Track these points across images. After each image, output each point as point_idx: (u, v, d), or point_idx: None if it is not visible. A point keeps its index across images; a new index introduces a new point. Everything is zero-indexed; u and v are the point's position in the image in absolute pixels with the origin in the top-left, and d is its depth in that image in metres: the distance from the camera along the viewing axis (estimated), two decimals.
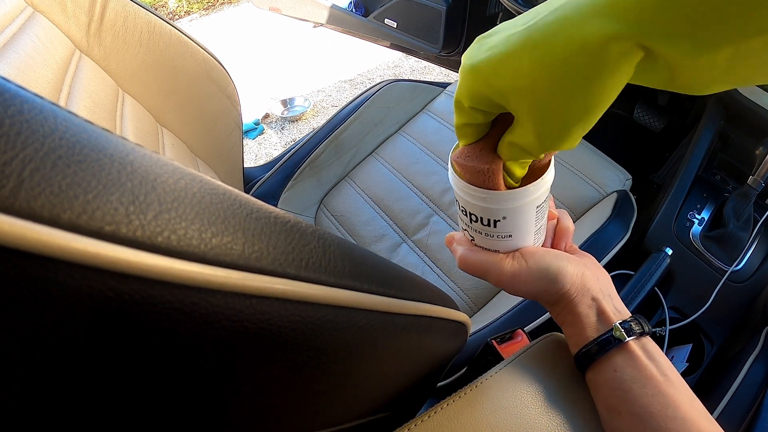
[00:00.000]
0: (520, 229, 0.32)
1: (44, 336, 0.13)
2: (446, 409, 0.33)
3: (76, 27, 0.58)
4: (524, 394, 0.33)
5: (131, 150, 0.15)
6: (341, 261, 0.21)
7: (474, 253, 0.34)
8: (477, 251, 0.34)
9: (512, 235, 0.32)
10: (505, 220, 0.31)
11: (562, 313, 0.34)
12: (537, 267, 0.33)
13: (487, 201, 0.30)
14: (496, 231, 0.32)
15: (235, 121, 0.83)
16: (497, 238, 0.33)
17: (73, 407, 0.15)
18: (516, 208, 0.30)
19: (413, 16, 1.14)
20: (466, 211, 0.32)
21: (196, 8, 3.07)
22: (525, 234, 0.33)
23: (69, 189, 0.12)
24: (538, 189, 0.30)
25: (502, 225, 0.31)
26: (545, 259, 0.33)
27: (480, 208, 0.31)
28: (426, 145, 0.87)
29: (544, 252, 0.34)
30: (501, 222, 0.31)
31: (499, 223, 0.31)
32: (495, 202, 0.30)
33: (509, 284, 0.33)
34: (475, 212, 0.31)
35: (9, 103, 0.12)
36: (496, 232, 0.32)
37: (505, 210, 0.30)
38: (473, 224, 0.32)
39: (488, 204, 0.30)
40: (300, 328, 0.18)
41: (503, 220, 0.31)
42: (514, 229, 0.32)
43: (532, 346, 0.38)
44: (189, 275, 0.14)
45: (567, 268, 0.33)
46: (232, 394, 0.19)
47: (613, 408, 0.31)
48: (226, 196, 0.17)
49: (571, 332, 0.34)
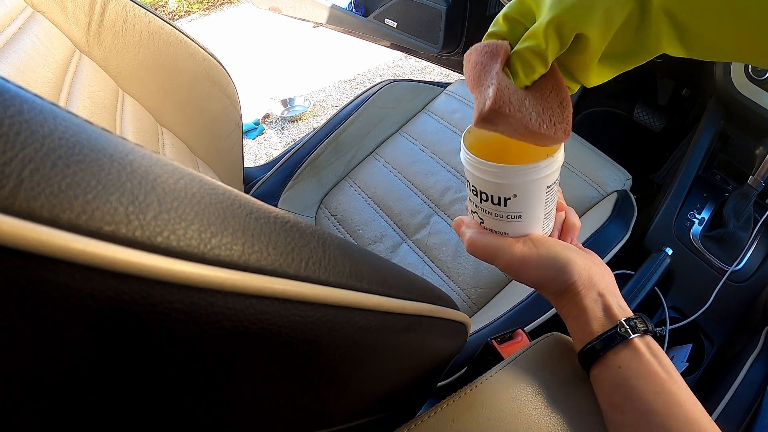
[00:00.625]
0: (530, 209, 0.32)
1: (44, 336, 0.13)
2: (446, 409, 0.33)
3: (76, 27, 0.58)
4: (524, 394, 0.33)
5: (131, 150, 0.15)
6: (341, 261, 0.21)
7: (483, 235, 0.34)
8: (486, 234, 0.34)
9: (522, 215, 0.32)
10: (515, 198, 0.31)
11: (568, 306, 0.34)
12: (547, 254, 0.33)
13: (499, 176, 0.30)
14: (506, 210, 0.32)
15: (235, 121, 0.83)
16: (507, 219, 0.33)
17: (74, 407, 0.15)
18: (527, 184, 0.30)
19: (413, 16, 1.14)
20: (476, 190, 0.32)
21: (196, 8, 3.07)
22: (534, 216, 0.33)
23: (68, 189, 0.12)
24: (550, 167, 0.30)
25: (513, 203, 0.31)
26: (555, 248, 0.33)
27: (491, 185, 0.31)
28: (426, 145, 0.87)
29: (554, 241, 0.34)
30: (511, 200, 0.31)
31: (509, 201, 0.31)
32: (507, 176, 0.30)
33: (517, 269, 0.33)
34: (486, 190, 0.31)
35: (9, 103, 0.12)
36: (506, 212, 0.32)
37: (516, 186, 0.30)
38: (483, 204, 0.32)
39: (500, 179, 0.30)
40: (300, 328, 0.18)
41: (513, 198, 0.31)
42: (524, 209, 0.32)
43: (532, 346, 0.38)
44: (188, 275, 0.14)
45: (576, 260, 0.33)
46: (231, 393, 0.19)
47: (616, 405, 0.31)
48: (226, 196, 0.17)
49: (575, 326, 0.34)
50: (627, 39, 0.26)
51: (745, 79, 0.67)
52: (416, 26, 1.15)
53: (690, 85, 1.03)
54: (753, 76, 0.69)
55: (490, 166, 0.30)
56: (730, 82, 0.69)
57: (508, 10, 0.28)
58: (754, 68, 0.65)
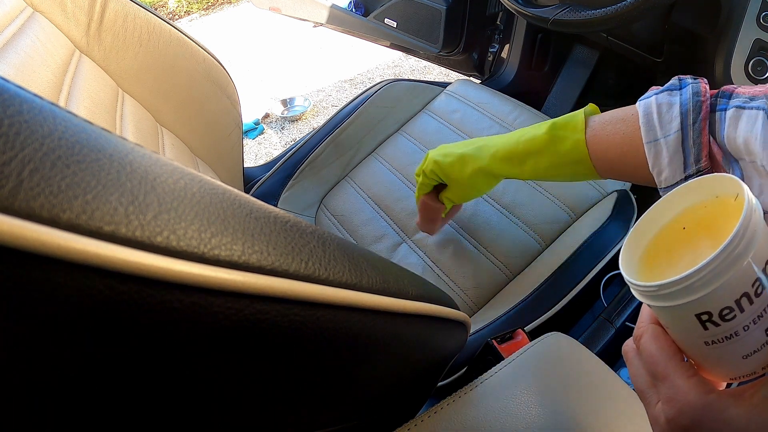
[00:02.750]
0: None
1: (44, 336, 0.13)
2: (446, 409, 0.33)
3: (75, 27, 0.58)
4: (524, 394, 0.33)
5: (131, 150, 0.15)
6: (341, 260, 0.21)
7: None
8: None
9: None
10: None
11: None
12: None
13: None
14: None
15: (235, 121, 0.83)
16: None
17: (74, 407, 0.15)
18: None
19: (413, 16, 1.14)
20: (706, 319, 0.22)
21: (196, 8, 3.07)
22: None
23: (68, 189, 0.12)
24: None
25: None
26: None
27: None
28: (426, 144, 0.87)
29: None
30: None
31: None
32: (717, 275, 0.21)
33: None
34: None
35: (8, 103, 0.12)
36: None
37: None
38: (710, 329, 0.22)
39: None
40: (300, 327, 0.18)
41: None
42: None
43: (532, 346, 0.38)
44: (188, 275, 0.14)
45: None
46: (231, 392, 0.19)
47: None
48: (226, 196, 0.17)
49: None
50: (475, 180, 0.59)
51: (746, 79, 0.67)
52: (416, 26, 1.15)
53: None
54: (753, 76, 0.69)
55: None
56: (731, 81, 0.69)
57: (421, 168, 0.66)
58: (754, 68, 0.65)
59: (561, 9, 0.71)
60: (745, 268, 0.21)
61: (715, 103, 0.40)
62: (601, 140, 0.48)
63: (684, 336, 0.24)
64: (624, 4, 0.61)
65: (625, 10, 0.61)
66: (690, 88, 0.42)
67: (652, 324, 0.26)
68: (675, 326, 0.25)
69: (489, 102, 0.89)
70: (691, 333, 0.23)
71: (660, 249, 0.26)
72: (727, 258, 0.21)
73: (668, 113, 0.41)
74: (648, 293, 0.23)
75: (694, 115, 0.39)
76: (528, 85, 1.16)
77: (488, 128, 0.84)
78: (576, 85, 1.16)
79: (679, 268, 0.23)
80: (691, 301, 0.22)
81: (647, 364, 0.25)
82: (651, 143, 0.42)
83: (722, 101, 0.39)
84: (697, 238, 0.24)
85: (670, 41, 0.81)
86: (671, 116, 0.41)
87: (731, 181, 0.23)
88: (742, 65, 0.66)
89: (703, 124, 0.39)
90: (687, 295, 0.22)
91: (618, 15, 0.62)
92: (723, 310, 0.22)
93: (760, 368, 0.23)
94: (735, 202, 0.23)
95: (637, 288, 0.24)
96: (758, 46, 0.64)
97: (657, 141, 0.42)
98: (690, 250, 0.24)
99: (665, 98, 0.42)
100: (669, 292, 0.22)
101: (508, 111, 0.86)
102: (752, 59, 0.65)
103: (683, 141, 0.40)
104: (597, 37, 0.98)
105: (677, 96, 0.42)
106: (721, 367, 0.24)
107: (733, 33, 0.65)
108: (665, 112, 0.42)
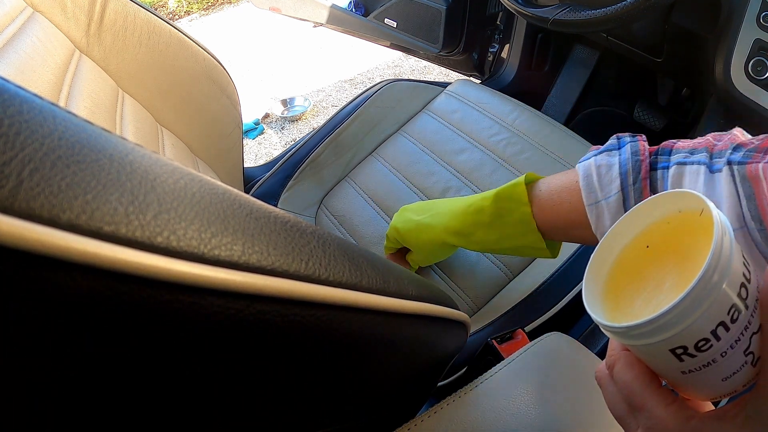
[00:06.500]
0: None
1: (43, 336, 0.13)
2: (446, 409, 0.33)
3: (75, 27, 0.58)
4: (524, 394, 0.33)
5: (131, 150, 0.15)
6: (341, 260, 0.21)
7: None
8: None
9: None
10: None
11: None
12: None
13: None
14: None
15: (235, 121, 0.83)
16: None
17: (74, 407, 0.15)
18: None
19: (413, 16, 1.14)
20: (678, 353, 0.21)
21: (196, 8, 3.07)
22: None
23: (68, 189, 0.12)
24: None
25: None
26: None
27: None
28: (426, 144, 0.87)
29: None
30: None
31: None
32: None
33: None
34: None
35: (8, 103, 0.12)
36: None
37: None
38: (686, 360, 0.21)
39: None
40: (300, 327, 0.18)
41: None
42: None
43: (532, 346, 0.38)
44: (188, 275, 0.14)
45: None
46: (231, 393, 0.19)
47: None
48: (226, 196, 0.17)
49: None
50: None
51: (746, 79, 0.67)
52: (416, 26, 1.15)
53: (690, 84, 1.03)
54: (753, 76, 0.69)
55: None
56: (731, 81, 0.69)
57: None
58: (754, 68, 0.65)
59: (561, 9, 0.71)
60: (721, 296, 0.20)
61: (656, 161, 0.39)
62: (549, 211, 0.47)
63: (659, 367, 0.24)
64: (624, 4, 0.61)
65: (625, 10, 0.61)
66: (629, 147, 0.41)
67: (624, 351, 0.25)
68: (649, 360, 0.24)
69: (489, 102, 0.89)
70: (666, 365, 0.22)
71: (624, 270, 0.24)
72: (702, 291, 0.19)
73: (608, 174, 0.41)
74: (617, 333, 0.22)
75: (634, 174, 0.39)
76: (528, 85, 1.16)
77: (488, 128, 0.84)
78: (576, 85, 1.16)
79: (645, 293, 0.22)
80: (663, 339, 0.20)
81: (623, 394, 0.25)
82: (592, 205, 0.41)
83: (662, 158, 0.39)
84: (662, 257, 0.23)
85: (670, 41, 0.81)
86: (611, 177, 0.40)
87: (693, 197, 0.22)
88: (742, 65, 0.66)
89: (644, 184, 0.38)
90: (659, 334, 0.20)
91: (618, 15, 0.62)
92: (699, 342, 0.20)
93: (740, 386, 0.23)
94: (700, 218, 0.22)
95: (605, 328, 0.22)
96: (758, 46, 0.64)
97: (598, 203, 0.41)
98: (655, 270, 0.23)
99: (604, 159, 0.42)
100: (640, 332, 0.21)
101: (508, 111, 0.86)
102: (752, 59, 0.65)
103: (624, 202, 0.39)
104: (597, 37, 0.98)
105: (616, 156, 0.41)
106: (700, 390, 0.23)
107: (733, 33, 0.65)
108: (604, 174, 0.41)
